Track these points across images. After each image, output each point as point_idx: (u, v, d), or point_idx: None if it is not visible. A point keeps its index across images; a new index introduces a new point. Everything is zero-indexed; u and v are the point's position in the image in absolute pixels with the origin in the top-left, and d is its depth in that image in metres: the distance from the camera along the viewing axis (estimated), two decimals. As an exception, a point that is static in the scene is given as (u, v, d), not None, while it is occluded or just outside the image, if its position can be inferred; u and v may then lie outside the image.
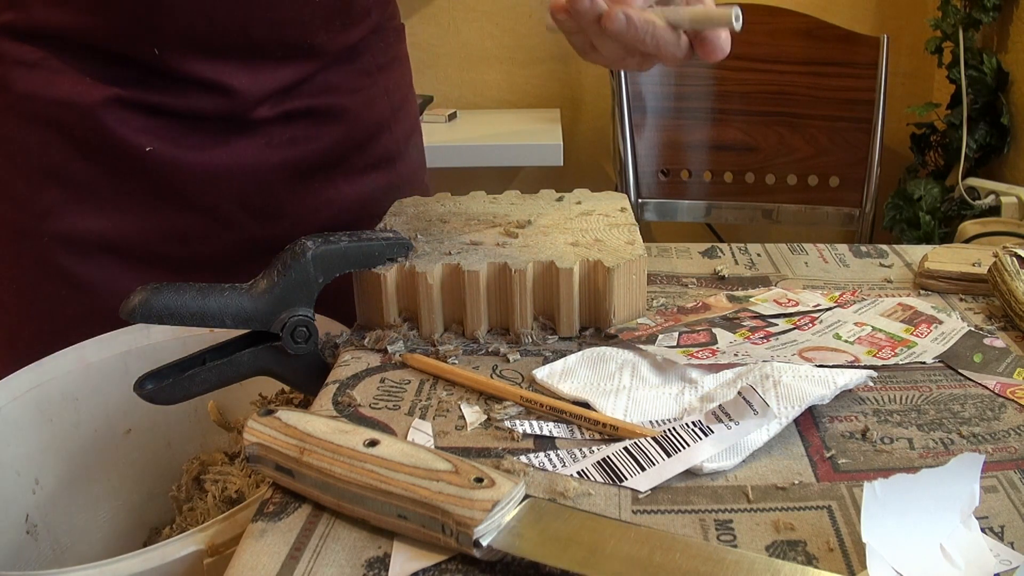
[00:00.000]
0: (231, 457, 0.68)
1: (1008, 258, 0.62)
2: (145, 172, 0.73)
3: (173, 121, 0.73)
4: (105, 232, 0.74)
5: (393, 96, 0.86)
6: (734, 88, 1.62)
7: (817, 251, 0.74)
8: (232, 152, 0.75)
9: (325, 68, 0.78)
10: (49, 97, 0.70)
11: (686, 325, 0.59)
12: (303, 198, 0.79)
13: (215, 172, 0.75)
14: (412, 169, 0.90)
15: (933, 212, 1.66)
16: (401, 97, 0.87)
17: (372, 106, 0.83)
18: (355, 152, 0.82)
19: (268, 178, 0.77)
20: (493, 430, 0.49)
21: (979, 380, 0.52)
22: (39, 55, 0.70)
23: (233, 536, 0.46)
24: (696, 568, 0.35)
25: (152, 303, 0.51)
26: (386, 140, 0.85)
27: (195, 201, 0.75)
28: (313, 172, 0.79)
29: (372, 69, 0.82)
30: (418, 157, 0.92)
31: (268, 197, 0.77)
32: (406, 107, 0.89)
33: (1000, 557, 0.38)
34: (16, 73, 0.71)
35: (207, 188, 0.75)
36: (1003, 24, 1.66)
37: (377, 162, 0.84)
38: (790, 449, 0.46)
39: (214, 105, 0.73)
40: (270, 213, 0.78)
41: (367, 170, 0.83)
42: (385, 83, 0.84)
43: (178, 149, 0.73)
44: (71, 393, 0.66)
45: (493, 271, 0.57)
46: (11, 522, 0.61)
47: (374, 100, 0.83)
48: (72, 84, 0.70)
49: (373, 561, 0.39)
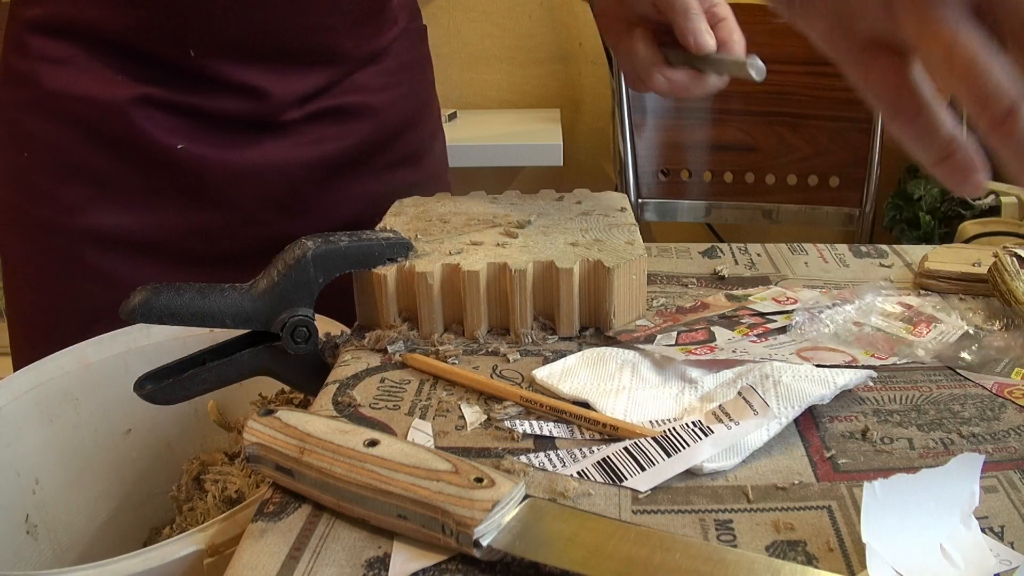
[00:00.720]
0: (231, 457, 0.68)
1: (1008, 258, 0.62)
2: (173, 170, 0.74)
3: (203, 121, 0.74)
4: (132, 228, 0.75)
5: (419, 94, 0.87)
6: (734, 88, 1.61)
7: (817, 251, 0.74)
8: (260, 152, 0.76)
9: (353, 71, 0.79)
10: (77, 94, 0.71)
11: (684, 324, 0.59)
12: (329, 195, 0.80)
13: (243, 171, 0.75)
14: (436, 166, 0.91)
15: (933, 212, 1.66)
16: (426, 96, 0.89)
17: (398, 104, 0.84)
18: (381, 149, 0.83)
19: (295, 176, 0.78)
20: (493, 430, 0.49)
21: (978, 380, 0.52)
22: (68, 52, 0.71)
23: (233, 536, 0.46)
24: (696, 568, 0.35)
25: (152, 303, 0.51)
26: (412, 137, 0.86)
27: (222, 199, 0.76)
28: (340, 169, 0.80)
29: (397, 68, 0.84)
30: (442, 155, 0.94)
31: (295, 195, 0.78)
32: (431, 106, 0.90)
33: (1000, 557, 0.38)
34: (44, 69, 0.71)
35: (235, 186, 0.76)
36: (1003, 24, 1.66)
37: (403, 159, 0.85)
38: (790, 449, 0.46)
39: (244, 107, 0.74)
40: (297, 210, 0.79)
41: (393, 167, 0.84)
42: (410, 82, 0.85)
43: (207, 148, 0.74)
44: (71, 393, 0.66)
45: (493, 271, 0.57)
46: (11, 522, 0.61)
47: (400, 99, 0.84)
48: (101, 82, 0.71)
49: (373, 561, 0.39)
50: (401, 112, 0.84)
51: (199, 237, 0.77)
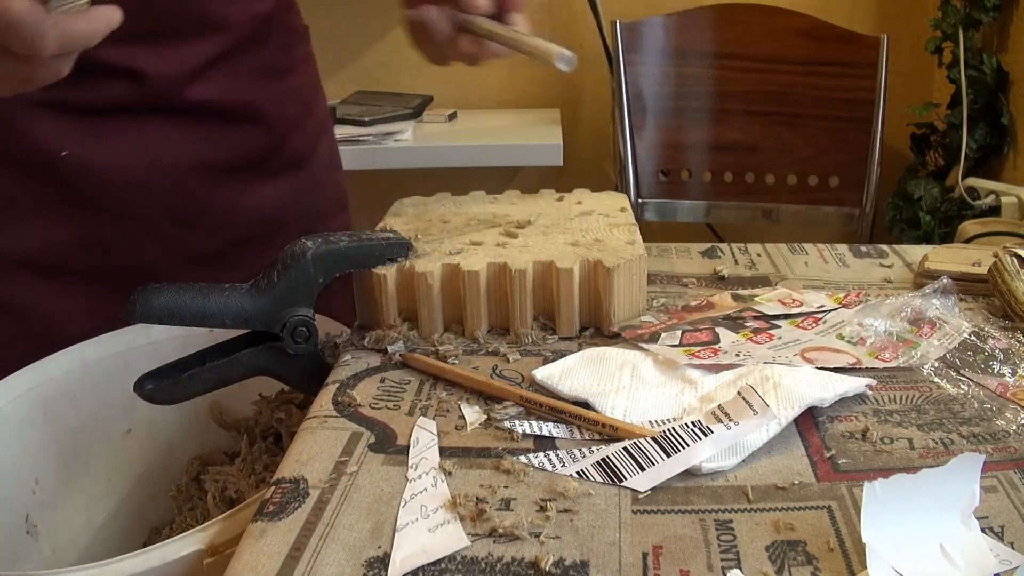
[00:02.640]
0: (231, 457, 0.68)
1: (1008, 258, 0.62)
2: (62, 178, 0.73)
3: (87, 118, 0.72)
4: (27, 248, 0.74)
5: (301, 95, 0.87)
6: (734, 88, 1.62)
7: (817, 251, 0.74)
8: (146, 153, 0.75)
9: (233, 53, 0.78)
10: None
11: (689, 323, 0.59)
12: (220, 201, 0.79)
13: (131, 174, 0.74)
14: (322, 168, 0.90)
15: (933, 212, 1.66)
16: (309, 96, 0.89)
17: (282, 105, 0.83)
18: (268, 152, 0.82)
19: (184, 179, 0.77)
20: (493, 430, 0.49)
21: (979, 380, 0.52)
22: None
23: (233, 536, 0.46)
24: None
25: (152, 303, 0.51)
26: (296, 140, 0.85)
27: (113, 207, 0.75)
28: (228, 173, 0.80)
29: (280, 69, 0.83)
30: (329, 157, 0.93)
31: (185, 201, 0.77)
32: (314, 106, 0.90)
33: (1000, 557, 0.38)
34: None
35: (124, 192, 0.75)
36: (1003, 24, 1.66)
37: (289, 162, 0.85)
38: (790, 449, 0.46)
39: (126, 92, 0.72)
40: (189, 218, 0.78)
41: (281, 171, 0.84)
42: (292, 83, 0.85)
43: (94, 151, 0.73)
44: (71, 393, 0.66)
45: (493, 271, 0.57)
46: (11, 522, 0.61)
47: (283, 99, 0.83)
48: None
49: (373, 561, 0.39)
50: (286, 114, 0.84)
51: (96, 251, 0.76)
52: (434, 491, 0.43)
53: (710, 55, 1.60)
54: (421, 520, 0.41)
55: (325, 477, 0.45)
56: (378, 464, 0.46)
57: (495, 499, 0.43)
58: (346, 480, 0.44)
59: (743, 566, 0.38)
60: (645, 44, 1.63)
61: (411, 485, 0.44)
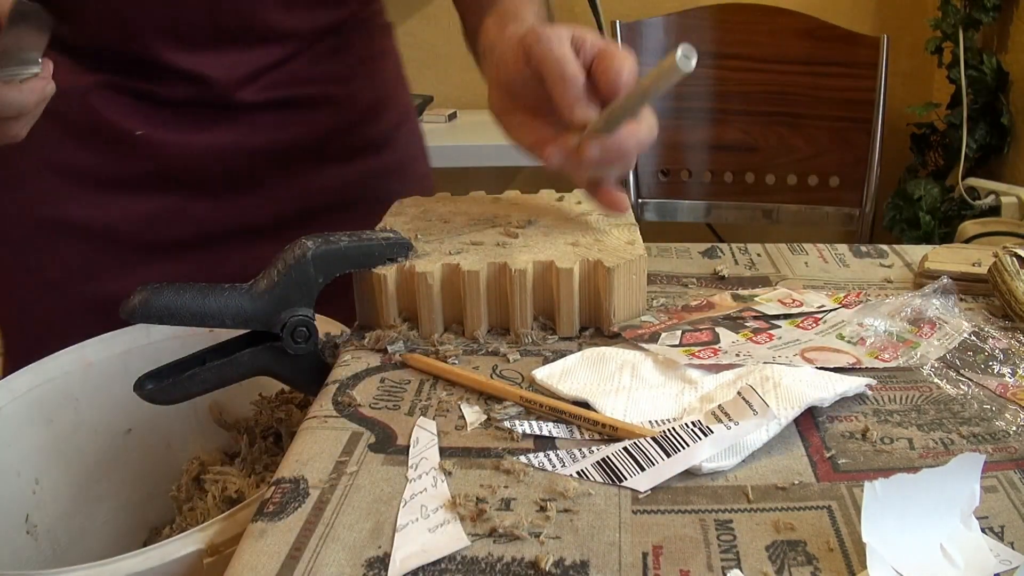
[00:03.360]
0: (231, 457, 0.68)
1: (1008, 258, 0.62)
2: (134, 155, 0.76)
3: (158, 106, 0.76)
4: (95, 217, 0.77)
5: (379, 88, 0.89)
6: (734, 88, 1.62)
7: (817, 251, 0.74)
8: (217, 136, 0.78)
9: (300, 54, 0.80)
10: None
11: (689, 323, 0.59)
12: (288, 180, 0.82)
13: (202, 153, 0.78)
14: (405, 157, 0.93)
15: (933, 212, 1.66)
16: (389, 88, 0.91)
17: (356, 96, 0.86)
18: (340, 138, 0.85)
19: (253, 160, 0.80)
20: (493, 430, 0.49)
21: (979, 380, 0.52)
22: None
23: (233, 536, 0.46)
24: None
25: (152, 303, 0.51)
26: (372, 127, 0.88)
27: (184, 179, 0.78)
28: (300, 155, 0.82)
29: (355, 62, 0.85)
30: (412, 146, 0.95)
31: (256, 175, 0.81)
32: (395, 97, 0.92)
33: (1000, 557, 0.38)
34: None
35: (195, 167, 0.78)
36: (1003, 24, 1.66)
37: (364, 148, 0.87)
38: (790, 449, 0.46)
39: (193, 92, 0.76)
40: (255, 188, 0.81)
41: (354, 155, 0.86)
42: (370, 75, 0.87)
43: (166, 132, 0.77)
44: (71, 393, 0.66)
45: (493, 271, 0.57)
46: (11, 522, 0.61)
47: (358, 92, 0.86)
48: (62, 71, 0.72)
49: (373, 561, 0.39)
50: (360, 104, 0.86)
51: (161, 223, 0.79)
52: (434, 491, 0.43)
53: (710, 55, 1.60)
54: (421, 520, 0.41)
55: (325, 477, 0.45)
56: (378, 464, 0.46)
57: (495, 499, 0.43)
58: (346, 480, 0.44)
59: (743, 566, 0.38)
60: (645, 44, 1.63)
61: (411, 485, 0.44)
